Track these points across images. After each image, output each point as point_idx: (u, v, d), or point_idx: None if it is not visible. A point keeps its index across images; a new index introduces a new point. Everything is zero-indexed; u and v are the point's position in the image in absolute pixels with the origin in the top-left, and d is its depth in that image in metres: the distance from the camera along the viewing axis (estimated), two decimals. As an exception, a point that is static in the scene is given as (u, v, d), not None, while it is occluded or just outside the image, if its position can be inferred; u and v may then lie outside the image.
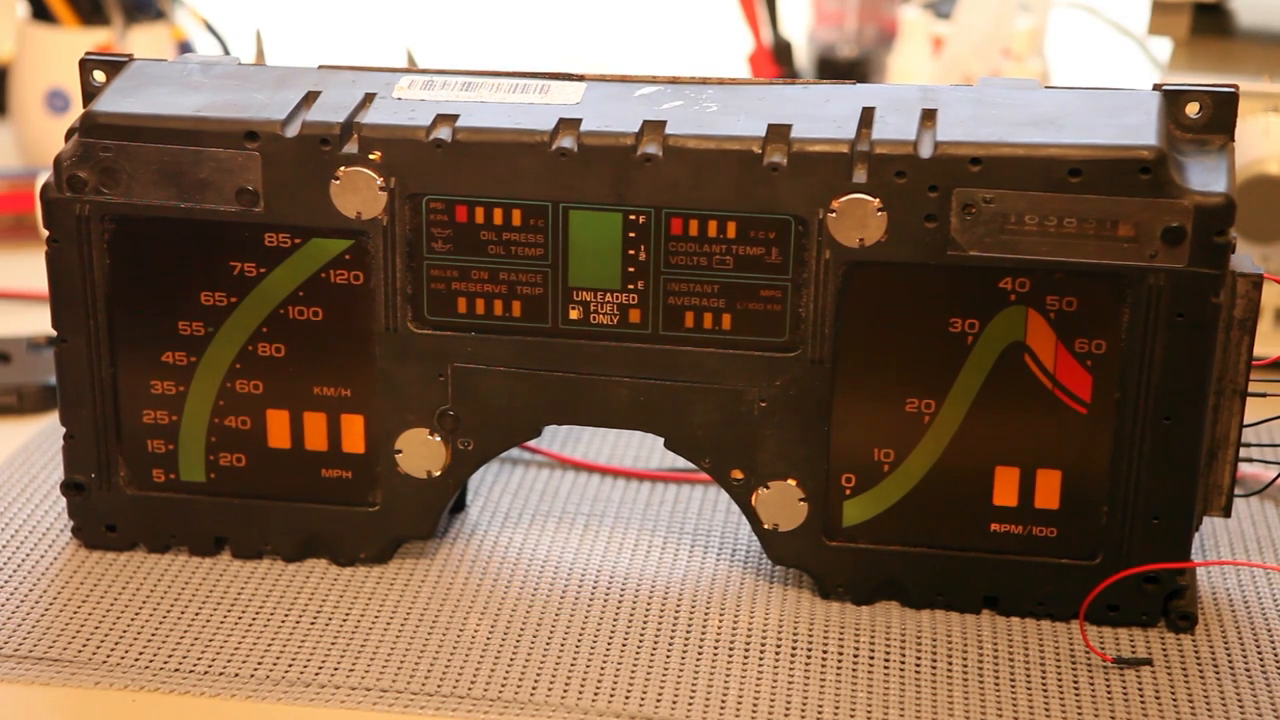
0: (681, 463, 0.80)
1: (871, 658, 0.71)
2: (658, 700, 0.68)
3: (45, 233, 0.74)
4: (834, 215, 0.69)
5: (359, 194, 0.71)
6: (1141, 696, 0.69)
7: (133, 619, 0.73)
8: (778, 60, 1.36)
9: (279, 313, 0.74)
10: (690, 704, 0.68)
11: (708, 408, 0.73)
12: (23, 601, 0.74)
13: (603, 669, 0.70)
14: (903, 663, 0.71)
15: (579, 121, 0.70)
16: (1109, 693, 0.69)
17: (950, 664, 0.71)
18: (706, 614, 0.74)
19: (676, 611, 0.74)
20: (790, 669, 0.70)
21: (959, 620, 0.73)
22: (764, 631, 0.72)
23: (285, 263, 0.73)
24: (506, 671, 0.70)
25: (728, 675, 0.70)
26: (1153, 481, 0.70)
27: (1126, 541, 0.71)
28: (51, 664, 0.70)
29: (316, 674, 0.69)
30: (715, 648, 0.71)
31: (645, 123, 0.70)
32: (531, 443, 0.81)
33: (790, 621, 0.73)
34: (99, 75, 0.75)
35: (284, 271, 0.73)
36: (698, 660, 0.71)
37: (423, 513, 0.76)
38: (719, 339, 0.72)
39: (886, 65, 1.33)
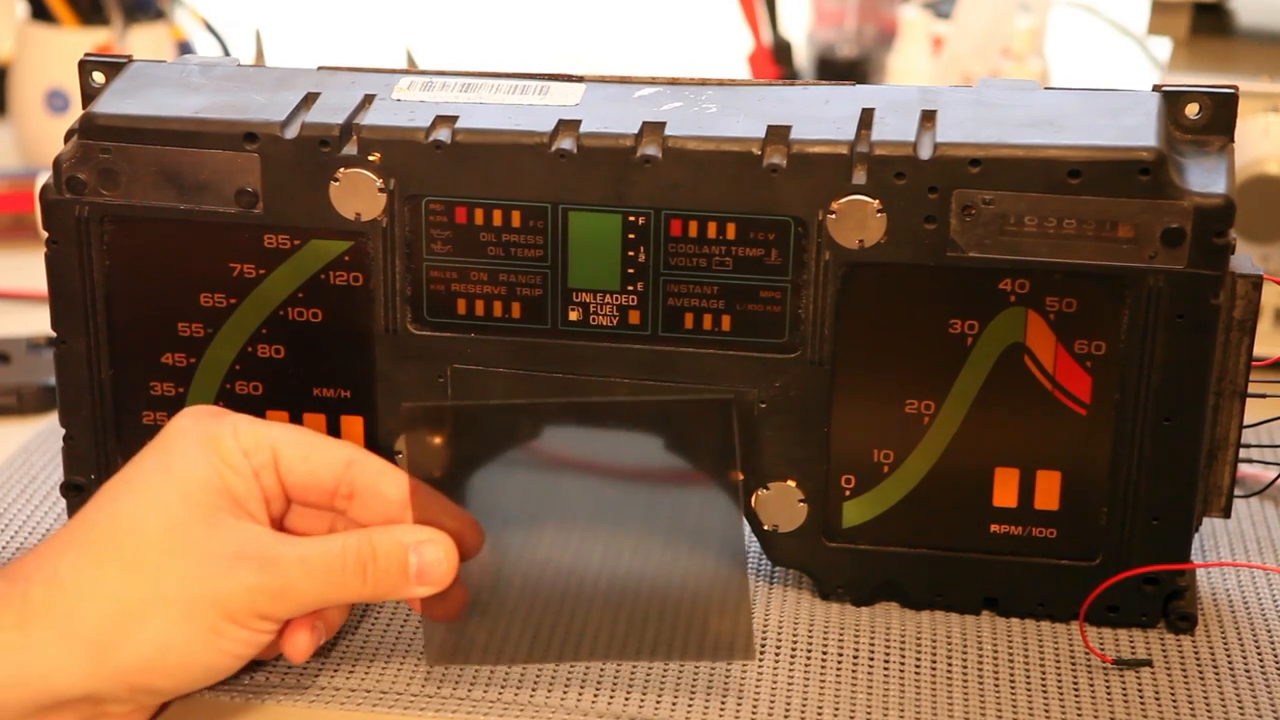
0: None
1: (871, 658, 0.71)
2: (657, 700, 0.68)
3: (45, 234, 0.74)
4: (833, 216, 0.69)
5: (358, 195, 0.71)
6: (1141, 697, 0.69)
7: (132, 620, 0.73)
8: (777, 60, 1.36)
9: (278, 314, 0.74)
10: (690, 704, 0.68)
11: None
12: (22, 602, 0.74)
13: (602, 669, 0.70)
14: (902, 663, 0.71)
15: (578, 123, 0.70)
16: (1109, 693, 0.69)
17: (950, 665, 0.71)
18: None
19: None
20: (790, 669, 0.70)
21: (959, 621, 0.73)
22: (764, 631, 0.72)
23: (285, 264, 0.73)
24: (506, 671, 0.70)
25: (728, 675, 0.70)
26: (1152, 482, 0.70)
27: (1126, 542, 0.71)
28: (51, 665, 0.70)
29: (316, 674, 0.69)
30: (715, 649, 0.71)
31: (645, 124, 0.70)
32: (531, 443, 0.81)
33: (790, 622, 0.73)
34: (98, 76, 0.75)
35: (283, 273, 0.73)
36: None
37: (422, 514, 0.76)
38: (718, 340, 0.72)
39: (886, 65, 1.33)
